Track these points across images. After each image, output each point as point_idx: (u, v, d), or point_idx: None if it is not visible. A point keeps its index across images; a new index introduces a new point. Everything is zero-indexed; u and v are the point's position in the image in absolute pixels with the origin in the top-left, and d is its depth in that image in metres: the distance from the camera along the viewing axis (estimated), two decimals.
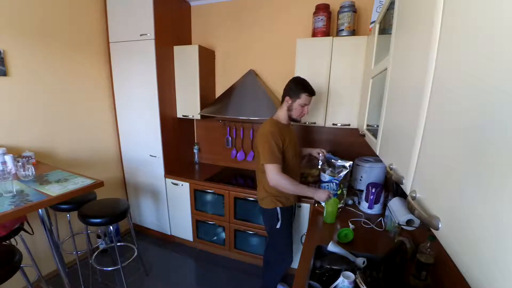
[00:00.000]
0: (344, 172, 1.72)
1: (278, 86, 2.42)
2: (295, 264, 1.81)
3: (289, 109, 1.60)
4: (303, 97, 1.55)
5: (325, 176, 1.76)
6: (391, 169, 0.76)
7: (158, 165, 2.48)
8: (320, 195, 1.52)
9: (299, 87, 1.55)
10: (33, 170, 1.54)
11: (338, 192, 1.73)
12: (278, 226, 1.68)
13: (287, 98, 1.58)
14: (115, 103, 2.50)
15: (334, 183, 1.73)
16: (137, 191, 2.70)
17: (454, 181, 0.39)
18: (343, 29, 1.90)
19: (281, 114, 1.64)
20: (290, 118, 1.65)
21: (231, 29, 2.49)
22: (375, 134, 1.16)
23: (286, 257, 1.81)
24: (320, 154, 1.81)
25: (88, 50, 2.25)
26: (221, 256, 2.52)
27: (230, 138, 2.68)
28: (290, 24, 2.27)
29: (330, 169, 1.77)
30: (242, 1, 2.39)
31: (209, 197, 2.43)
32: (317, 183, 2.16)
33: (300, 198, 1.95)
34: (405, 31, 0.78)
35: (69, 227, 2.09)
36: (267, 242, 1.93)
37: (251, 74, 2.39)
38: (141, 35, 2.19)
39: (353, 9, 1.88)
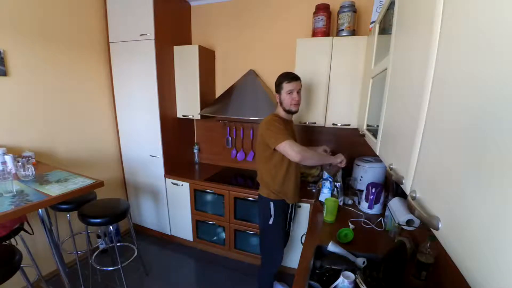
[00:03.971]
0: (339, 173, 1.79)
1: None
2: (295, 264, 1.81)
3: (281, 103, 1.63)
4: (285, 85, 1.59)
5: (325, 173, 1.82)
6: (391, 169, 0.75)
7: (158, 165, 2.48)
8: (337, 159, 1.60)
9: (279, 79, 1.62)
10: (33, 170, 1.53)
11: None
12: (270, 222, 1.67)
13: (276, 95, 1.65)
14: (115, 103, 2.50)
15: (329, 182, 1.81)
16: (137, 191, 2.70)
17: (454, 181, 0.39)
18: (343, 29, 1.90)
19: (278, 110, 1.67)
20: (286, 111, 1.64)
21: (231, 29, 2.49)
22: (375, 134, 1.16)
23: (275, 256, 1.79)
24: (328, 152, 1.81)
25: (88, 50, 2.25)
26: (221, 256, 2.52)
27: (230, 138, 2.68)
28: (290, 24, 2.27)
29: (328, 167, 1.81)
30: (242, 1, 2.39)
31: (209, 197, 2.43)
32: (317, 183, 2.17)
33: (300, 198, 1.94)
34: (405, 31, 0.78)
35: (69, 227, 2.09)
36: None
37: (251, 74, 2.39)
38: (141, 35, 2.19)
39: (353, 9, 1.88)
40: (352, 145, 2.23)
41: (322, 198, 1.81)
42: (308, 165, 1.69)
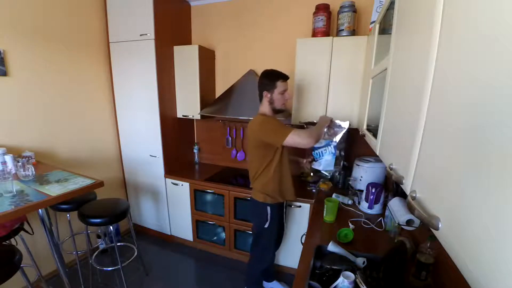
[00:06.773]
0: (341, 133, 1.69)
1: None
2: (294, 264, 1.81)
3: (271, 102, 1.58)
4: (279, 84, 1.54)
5: (321, 141, 1.71)
6: (391, 169, 0.75)
7: (158, 165, 2.48)
8: (326, 119, 1.61)
9: (271, 77, 1.55)
10: (33, 170, 1.54)
11: (337, 155, 1.70)
12: (266, 226, 1.67)
13: (265, 93, 1.57)
14: (115, 103, 2.50)
15: (332, 146, 1.69)
16: (137, 191, 2.70)
17: (454, 181, 0.39)
18: (343, 29, 1.90)
19: (265, 110, 1.61)
20: (275, 111, 1.61)
21: (231, 29, 2.49)
22: (375, 134, 1.16)
23: (266, 255, 1.80)
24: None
25: (88, 50, 2.25)
26: (221, 256, 2.51)
27: (230, 138, 2.68)
28: (290, 24, 2.27)
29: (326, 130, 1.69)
30: (242, 1, 2.39)
31: (209, 197, 2.43)
32: (317, 183, 2.17)
33: (296, 198, 1.91)
34: (405, 31, 0.78)
35: (69, 227, 2.09)
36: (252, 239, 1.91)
37: (251, 74, 2.39)
38: (141, 35, 2.19)
39: (353, 9, 1.88)
40: (352, 145, 2.23)
41: (326, 166, 1.70)
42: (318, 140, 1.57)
